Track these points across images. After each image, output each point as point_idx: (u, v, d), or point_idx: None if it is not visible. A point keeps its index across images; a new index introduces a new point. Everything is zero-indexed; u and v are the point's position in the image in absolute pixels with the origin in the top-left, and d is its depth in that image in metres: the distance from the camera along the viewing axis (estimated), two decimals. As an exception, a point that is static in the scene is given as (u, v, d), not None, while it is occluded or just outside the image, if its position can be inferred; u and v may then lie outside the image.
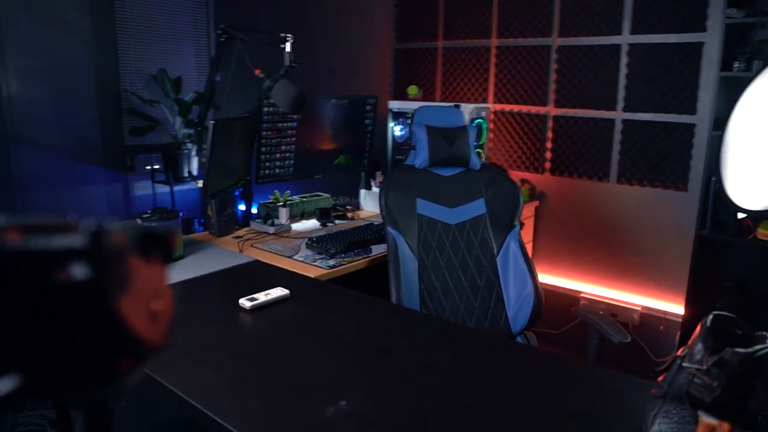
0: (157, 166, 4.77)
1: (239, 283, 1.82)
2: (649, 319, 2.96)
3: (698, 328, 0.97)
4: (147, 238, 0.35)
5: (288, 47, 1.83)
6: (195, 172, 4.81)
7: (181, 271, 1.89)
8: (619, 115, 2.97)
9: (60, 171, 4.44)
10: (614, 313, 3.05)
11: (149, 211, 2.01)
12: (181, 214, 2.11)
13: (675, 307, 2.90)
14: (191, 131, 4.73)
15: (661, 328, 2.91)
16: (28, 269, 0.32)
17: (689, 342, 0.97)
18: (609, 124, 3.00)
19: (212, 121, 1.90)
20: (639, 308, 3.00)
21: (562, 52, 3.12)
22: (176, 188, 4.75)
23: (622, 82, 2.94)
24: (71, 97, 4.44)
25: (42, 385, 0.34)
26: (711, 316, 0.95)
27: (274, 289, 1.65)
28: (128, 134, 4.77)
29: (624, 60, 2.93)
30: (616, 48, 2.93)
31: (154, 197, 4.93)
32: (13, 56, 4.05)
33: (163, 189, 4.90)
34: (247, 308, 1.56)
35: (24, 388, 0.34)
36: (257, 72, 1.87)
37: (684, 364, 0.95)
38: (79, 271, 0.32)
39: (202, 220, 3.69)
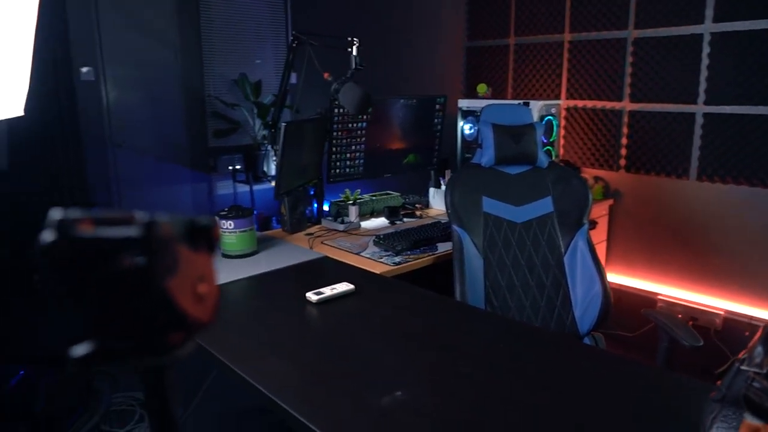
0: (237, 167, 4.99)
1: (308, 278, 1.91)
2: (733, 324, 2.81)
3: (760, 332, 0.95)
4: (193, 228, 0.41)
5: (354, 51, 1.89)
6: (272, 172, 5.01)
7: (254, 266, 2.00)
8: (699, 108, 2.84)
9: (151, 171, 4.76)
10: (694, 316, 2.92)
11: (226, 209, 2.13)
12: (256, 212, 2.21)
13: (762, 312, 2.74)
14: (267, 132, 4.93)
15: (746, 333, 2.76)
16: (96, 254, 0.39)
17: (749, 345, 0.95)
18: (689, 119, 2.88)
19: (284, 123, 2.00)
20: (722, 312, 2.85)
21: (638, 45, 3.01)
22: (255, 187, 4.97)
23: (704, 73, 2.81)
24: (161, 102, 4.75)
25: (107, 351, 0.41)
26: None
27: (340, 284, 1.72)
28: (212, 136, 5.04)
29: (706, 50, 2.79)
30: (697, 38, 2.81)
31: (235, 196, 5.18)
32: (111, 66, 4.38)
33: (243, 188, 5.14)
34: (314, 302, 1.64)
35: (94, 354, 0.41)
36: (326, 75, 1.95)
37: (742, 368, 0.93)
38: (135, 256, 0.38)
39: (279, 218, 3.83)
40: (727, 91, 2.74)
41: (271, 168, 4.99)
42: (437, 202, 2.94)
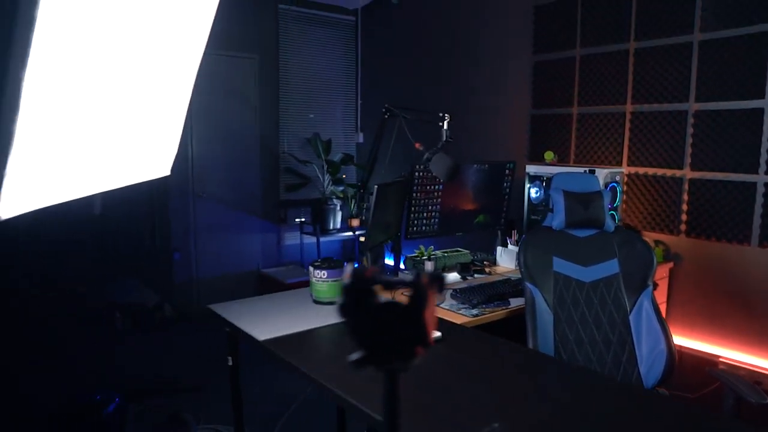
0: (303, 219, 5.29)
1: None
2: (798, 389, 2.85)
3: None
4: (435, 278, 0.64)
5: (445, 125, 2.15)
6: (338, 225, 5.31)
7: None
8: (761, 178, 2.98)
9: (226, 220, 5.13)
10: (758, 380, 2.96)
11: (319, 260, 2.37)
12: (345, 264, 2.44)
13: (827, 378, 2.78)
14: (339, 188, 5.26)
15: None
16: (374, 290, 0.63)
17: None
18: (750, 187, 3.02)
19: (376, 185, 2.27)
20: (786, 377, 2.90)
21: (698, 117, 3.20)
22: (321, 239, 5.26)
23: (765, 145, 2.96)
24: (240, 157, 5.15)
25: (373, 358, 0.64)
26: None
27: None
28: (283, 190, 5.39)
29: (767, 124, 2.95)
30: (758, 112, 2.97)
31: (301, 246, 5.49)
32: (198, 123, 4.81)
33: (308, 239, 5.44)
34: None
35: (364, 359, 0.64)
36: (417, 145, 2.21)
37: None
38: (406, 292, 0.62)
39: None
40: (786, 164, 2.88)
41: (338, 221, 5.31)
42: (504, 260, 3.13)
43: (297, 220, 5.34)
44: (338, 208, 5.29)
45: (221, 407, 3.04)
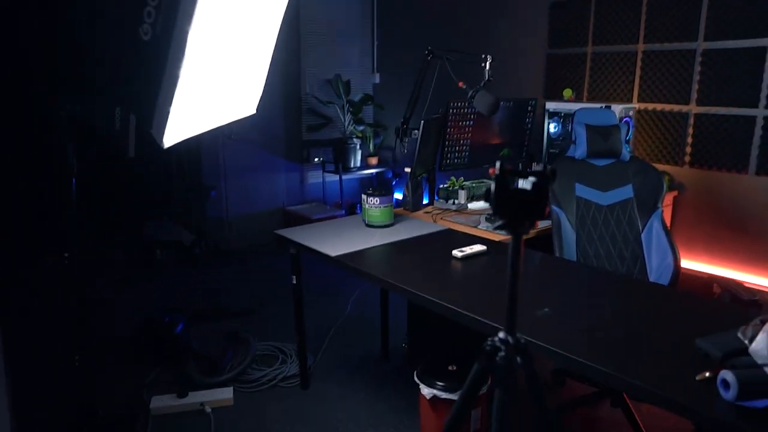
0: (322, 159, 5.58)
1: (445, 242, 2.46)
2: (784, 299, 3.24)
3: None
4: (552, 171, 0.96)
5: (487, 66, 2.43)
6: (358, 164, 5.60)
7: (395, 234, 2.58)
8: (760, 111, 3.28)
9: (253, 161, 5.41)
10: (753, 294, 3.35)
11: (371, 189, 2.68)
12: (391, 194, 2.75)
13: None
14: (359, 128, 5.52)
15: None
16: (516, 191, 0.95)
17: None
18: (750, 121, 3.32)
19: (423, 121, 2.56)
20: (775, 289, 3.29)
21: (706, 55, 3.46)
22: (344, 177, 5.56)
23: (765, 81, 3.24)
24: (264, 99, 5.35)
25: (510, 223, 0.97)
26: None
27: (475, 246, 2.27)
28: (305, 131, 5.65)
29: (767, 62, 3.22)
30: (760, 51, 3.24)
31: (323, 185, 5.80)
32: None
33: (330, 178, 5.75)
34: (459, 257, 2.20)
35: (504, 225, 0.96)
36: (460, 84, 2.49)
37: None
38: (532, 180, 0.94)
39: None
40: (784, 98, 3.17)
41: (358, 160, 5.59)
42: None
43: (316, 159, 5.62)
44: (358, 147, 5.57)
45: (274, 329, 3.44)
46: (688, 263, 3.65)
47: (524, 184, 1.02)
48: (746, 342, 1.24)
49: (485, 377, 1.15)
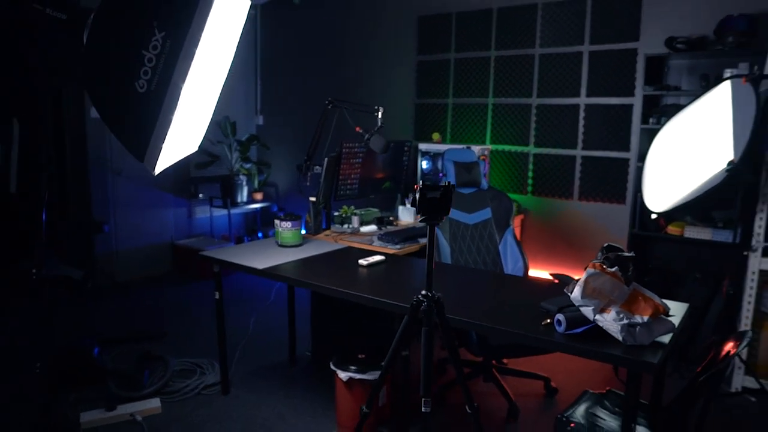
0: (201, 195, 5.91)
1: (348, 257, 3.00)
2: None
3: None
4: (447, 188, 1.56)
5: (380, 114, 3.05)
6: (245, 199, 5.99)
7: (309, 251, 3.07)
8: (579, 152, 4.25)
9: (141, 196, 5.59)
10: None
11: (283, 214, 3.16)
12: (303, 218, 3.24)
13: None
14: (247, 165, 5.94)
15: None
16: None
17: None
18: (572, 159, 4.28)
19: (326, 158, 3.10)
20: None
21: (539, 109, 4.41)
22: (231, 211, 5.91)
23: (581, 129, 4.23)
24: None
25: (428, 218, 1.56)
26: (605, 245, 2.16)
27: (376, 256, 2.85)
28: (193, 168, 5.94)
29: (582, 114, 4.22)
30: (576, 107, 4.23)
31: (211, 219, 6.10)
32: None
33: (217, 212, 6.06)
34: (364, 265, 2.75)
35: (425, 219, 1.56)
36: (358, 129, 3.08)
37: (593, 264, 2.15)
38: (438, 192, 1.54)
39: (253, 237, 4.85)
40: (595, 142, 4.16)
41: (245, 195, 5.98)
42: (404, 215, 4.10)
43: (200, 195, 5.92)
44: (244, 183, 5.97)
45: (185, 348, 3.72)
46: (533, 271, 4.51)
47: (434, 194, 1.61)
48: (570, 295, 1.91)
49: (412, 326, 1.70)
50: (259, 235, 6.24)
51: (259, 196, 6.25)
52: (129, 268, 5.46)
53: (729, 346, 1.89)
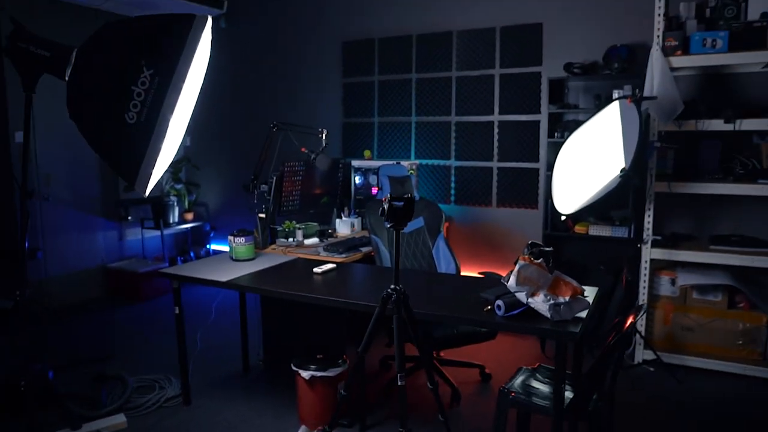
0: (130, 217, 5.95)
1: (300, 268, 3.28)
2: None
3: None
4: (408, 199, 1.91)
5: (324, 135, 3.36)
6: (176, 219, 6.07)
7: (263, 263, 3.32)
8: (496, 164, 4.75)
9: (70, 221, 5.55)
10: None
11: (236, 231, 3.38)
12: (253, 233, 3.47)
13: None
14: (178, 186, 6.03)
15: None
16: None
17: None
18: (489, 170, 4.77)
19: (274, 176, 3.36)
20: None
21: (458, 126, 4.88)
22: (158, 232, 5.96)
23: (496, 144, 4.73)
24: (80, 162, 5.57)
25: (396, 223, 1.91)
26: (530, 242, 2.58)
27: (328, 264, 3.14)
28: (123, 190, 5.95)
29: (496, 130, 4.73)
30: (491, 123, 4.73)
31: (143, 240, 6.12)
32: (41, 132, 5.17)
33: (149, 234, 6.10)
34: (319, 273, 3.05)
35: (393, 225, 1.90)
36: (303, 149, 3.37)
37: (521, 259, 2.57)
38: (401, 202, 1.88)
39: (186, 258, 4.96)
40: (509, 154, 4.68)
41: (176, 215, 6.06)
42: (341, 228, 4.40)
43: (130, 218, 5.94)
44: (175, 203, 6.05)
45: (137, 367, 3.82)
46: (463, 272, 4.94)
47: (399, 203, 1.94)
48: (506, 284, 2.31)
49: (383, 317, 2.03)
50: (191, 254, 6.32)
51: (189, 216, 6.34)
52: (61, 294, 5.39)
53: (630, 319, 2.35)
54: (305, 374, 2.95)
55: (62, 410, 3.16)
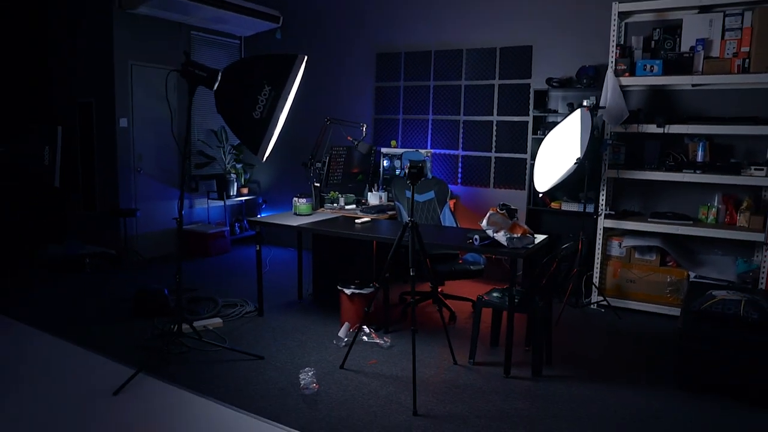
0: (195, 187, 7.36)
1: (344, 221, 4.63)
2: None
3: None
4: (418, 167, 3.26)
5: (364, 128, 4.69)
6: (235, 193, 7.47)
7: (318, 217, 4.68)
8: (493, 154, 6.06)
9: (155, 190, 6.99)
10: (495, 253, 6.05)
11: (299, 194, 4.73)
12: (311, 196, 4.84)
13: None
14: (239, 165, 7.43)
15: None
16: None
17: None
18: (488, 159, 6.08)
19: (328, 155, 4.71)
20: (506, 249, 6.01)
21: (465, 124, 6.19)
22: (219, 202, 7.37)
23: (494, 138, 6.04)
24: (164, 144, 6.97)
25: (412, 180, 3.27)
26: (501, 203, 3.90)
27: (365, 218, 4.50)
28: (194, 168, 7.37)
29: (494, 128, 6.03)
30: (490, 122, 6.03)
31: (208, 209, 7.54)
32: (138, 119, 6.60)
33: (213, 203, 7.52)
34: (359, 224, 4.41)
35: (411, 181, 3.27)
36: (349, 138, 4.71)
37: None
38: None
39: (241, 224, 6.33)
40: (504, 147, 6.00)
41: (235, 189, 7.46)
42: (372, 199, 5.75)
43: (197, 190, 7.35)
44: (234, 180, 7.46)
45: (219, 295, 5.22)
46: (463, 241, 6.26)
47: (415, 170, 3.28)
48: (482, 226, 3.63)
49: (401, 243, 3.37)
50: (245, 222, 7.73)
51: (245, 190, 7.74)
52: (149, 247, 6.83)
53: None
54: (348, 291, 4.31)
55: (176, 315, 4.56)
